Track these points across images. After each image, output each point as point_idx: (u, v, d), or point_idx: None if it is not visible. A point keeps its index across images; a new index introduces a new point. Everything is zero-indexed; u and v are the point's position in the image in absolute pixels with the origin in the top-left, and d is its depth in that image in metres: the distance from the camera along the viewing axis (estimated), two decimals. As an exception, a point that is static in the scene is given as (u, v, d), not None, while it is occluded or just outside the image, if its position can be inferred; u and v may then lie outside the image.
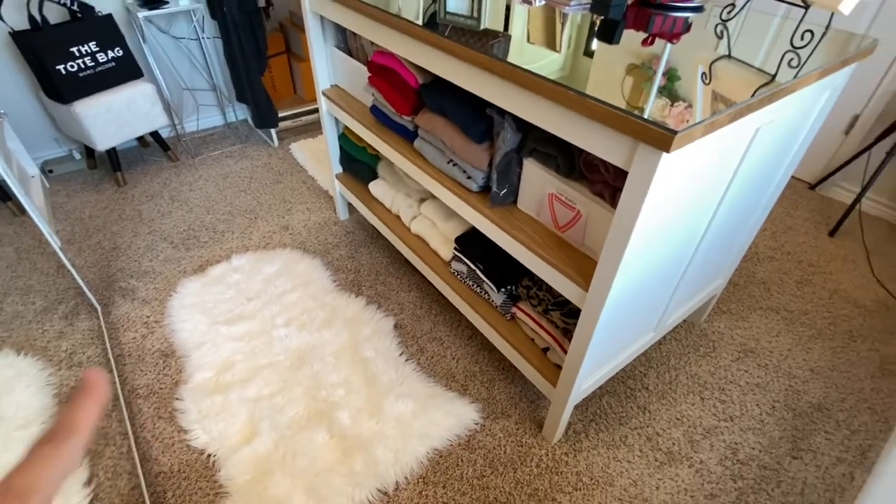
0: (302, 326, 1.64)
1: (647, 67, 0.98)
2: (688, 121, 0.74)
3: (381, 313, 1.71)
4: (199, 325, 1.64)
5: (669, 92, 0.86)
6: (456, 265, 1.51)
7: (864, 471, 1.30)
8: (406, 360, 1.55)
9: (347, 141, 1.88)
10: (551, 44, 1.05)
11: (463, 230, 1.52)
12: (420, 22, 1.14)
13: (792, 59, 1.03)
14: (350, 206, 2.19)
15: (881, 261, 1.99)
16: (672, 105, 0.83)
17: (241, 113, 2.99)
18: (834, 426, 1.40)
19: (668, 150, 0.72)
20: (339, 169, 2.04)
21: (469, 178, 1.26)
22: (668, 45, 1.07)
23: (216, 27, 2.60)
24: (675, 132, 0.70)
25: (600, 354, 1.19)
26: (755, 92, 0.85)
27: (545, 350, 1.31)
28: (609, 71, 0.92)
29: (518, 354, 1.34)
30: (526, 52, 0.99)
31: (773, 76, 0.95)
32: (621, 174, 0.95)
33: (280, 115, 2.74)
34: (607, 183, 0.98)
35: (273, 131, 2.68)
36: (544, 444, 1.34)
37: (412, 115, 1.39)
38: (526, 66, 0.91)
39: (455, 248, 1.49)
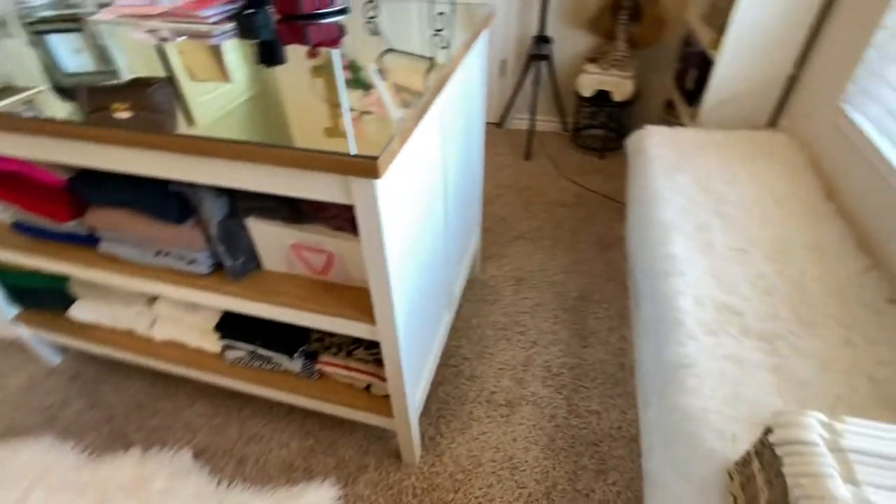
0: (62, 537, 1.18)
1: (327, 63, 0.95)
2: (384, 104, 0.73)
3: (170, 450, 1.36)
4: None
5: (359, 82, 0.85)
6: (231, 353, 1.28)
7: (627, 325, 1.67)
8: (228, 485, 1.28)
9: (5, 273, 1.37)
10: (218, 75, 0.91)
11: (219, 314, 1.29)
12: (50, 113, 0.84)
13: (440, 41, 1.12)
14: (61, 344, 1.65)
15: (565, 163, 2.52)
16: (368, 93, 0.81)
17: None
18: (596, 306, 1.75)
19: (378, 177, 0.69)
20: (15, 311, 1.49)
21: (192, 262, 1.04)
22: (335, 51, 1.04)
23: None
24: (375, 158, 0.67)
25: (416, 362, 1.18)
26: (426, 79, 0.89)
27: (367, 388, 1.24)
28: (295, 79, 0.85)
29: (344, 406, 1.23)
30: (197, 91, 0.83)
31: (432, 59, 1.02)
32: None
33: None
34: (342, 216, 0.93)
35: None
36: (410, 470, 1.30)
37: (75, 217, 1.06)
38: (201, 108, 0.76)
39: (220, 337, 1.26)
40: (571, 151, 2.64)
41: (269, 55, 1.04)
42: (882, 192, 1.22)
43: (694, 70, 2.08)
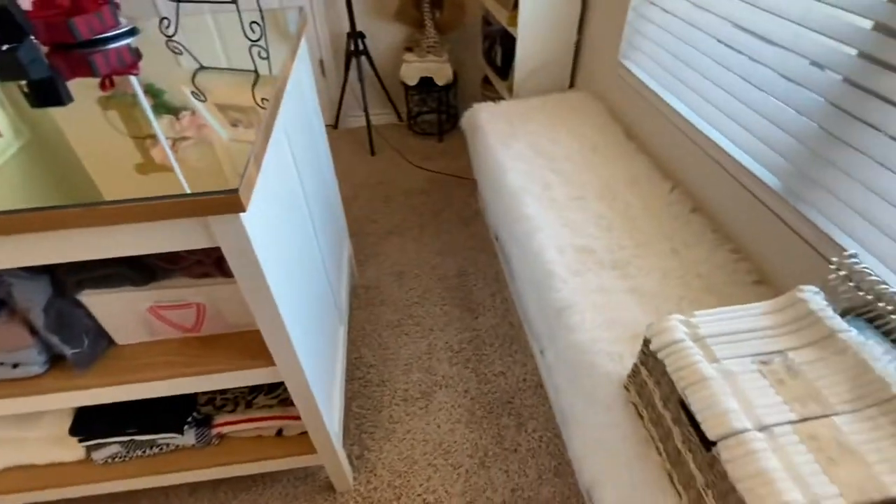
0: None
1: (122, 93, 0.83)
2: (202, 125, 0.67)
3: None
4: None
5: (164, 107, 0.76)
6: (101, 453, 1.07)
7: (505, 287, 1.81)
8: None
9: None
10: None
11: (73, 413, 1.06)
12: None
13: (259, 52, 1.05)
14: None
15: (409, 152, 2.59)
16: (178, 118, 0.74)
17: None
18: (474, 278, 1.86)
19: (243, 210, 0.63)
20: None
21: (17, 365, 0.84)
22: (134, 78, 0.91)
23: None
24: (235, 190, 0.62)
25: (326, 388, 1.13)
26: (254, 92, 0.83)
27: (279, 432, 1.15)
28: (83, 117, 0.72)
29: (258, 462, 1.13)
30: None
31: (256, 71, 0.95)
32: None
33: None
34: (204, 260, 0.83)
35: None
36: (347, 496, 1.26)
37: None
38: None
39: (80, 440, 1.04)
40: (412, 139, 2.71)
41: (47, 96, 0.86)
42: (664, 125, 1.51)
43: (498, 47, 2.28)
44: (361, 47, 2.43)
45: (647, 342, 0.83)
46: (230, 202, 0.62)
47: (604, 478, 0.90)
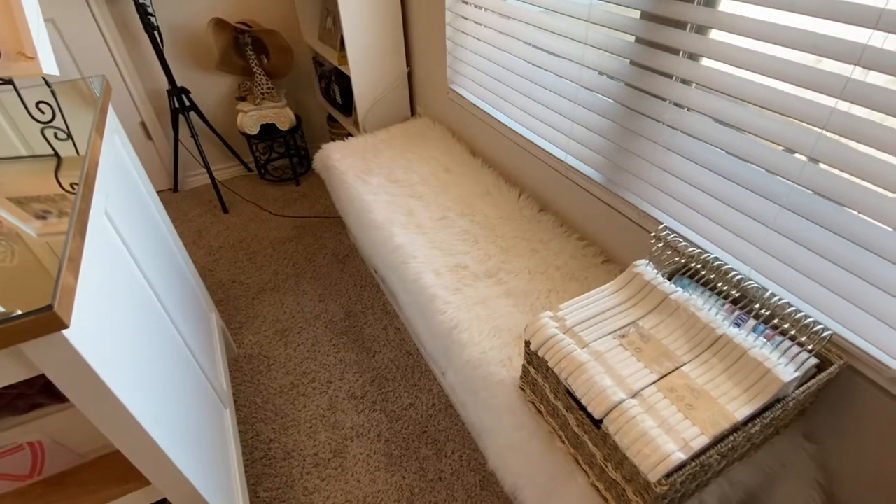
0: None
1: None
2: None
3: None
4: None
5: None
6: None
7: (394, 315, 1.81)
8: None
9: None
10: None
11: None
12: None
13: (56, 133, 0.92)
14: None
15: (268, 201, 2.46)
16: None
17: None
18: (363, 316, 1.82)
19: (66, 326, 0.54)
20: None
21: None
22: None
23: None
24: (50, 307, 0.53)
25: (219, 487, 1.01)
26: (59, 178, 0.73)
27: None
28: None
29: None
30: None
31: (56, 154, 0.84)
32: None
33: None
34: (28, 391, 0.69)
35: None
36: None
37: None
38: None
39: None
40: (267, 188, 2.59)
41: None
42: (498, 139, 1.65)
43: (335, 85, 2.30)
44: (188, 102, 2.26)
45: (527, 343, 0.89)
46: (46, 321, 0.53)
47: (522, 479, 0.95)
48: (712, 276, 0.90)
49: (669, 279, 0.95)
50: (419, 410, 1.50)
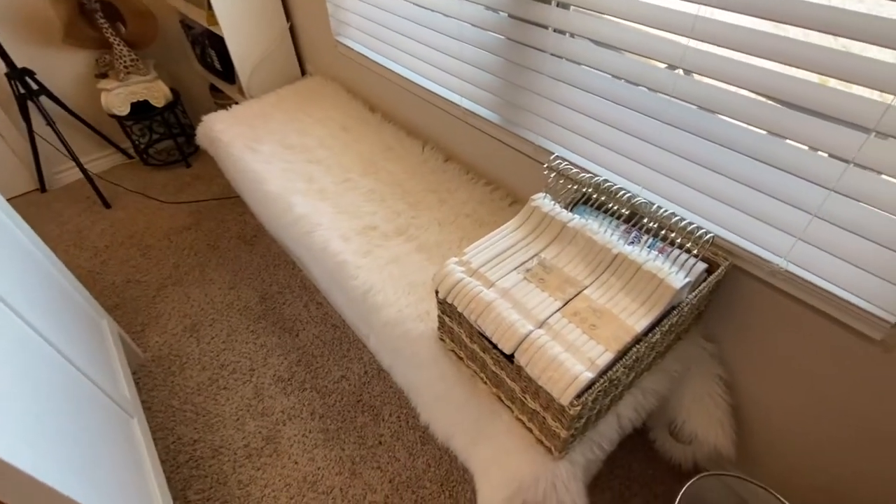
0: None
1: None
2: None
3: None
4: None
5: None
6: None
7: (314, 290, 1.73)
8: None
9: None
10: None
11: None
12: None
13: None
14: None
15: (156, 189, 2.22)
16: None
17: None
18: (281, 296, 1.72)
19: None
20: None
21: None
22: None
23: None
24: None
25: None
26: None
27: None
28: None
29: None
30: None
31: None
32: None
33: None
34: None
35: None
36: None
37: None
38: None
39: None
40: (153, 174, 2.33)
41: None
42: (394, 90, 1.57)
43: (211, 50, 2.07)
44: (35, 86, 1.94)
45: (437, 292, 0.87)
46: None
47: (451, 427, 0.94)
48: (604, 199, 0.91)
49: (572, 208, 0.96)
50: (351, 381, 1.46)
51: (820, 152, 0.73)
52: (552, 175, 0.92)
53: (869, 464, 0.86)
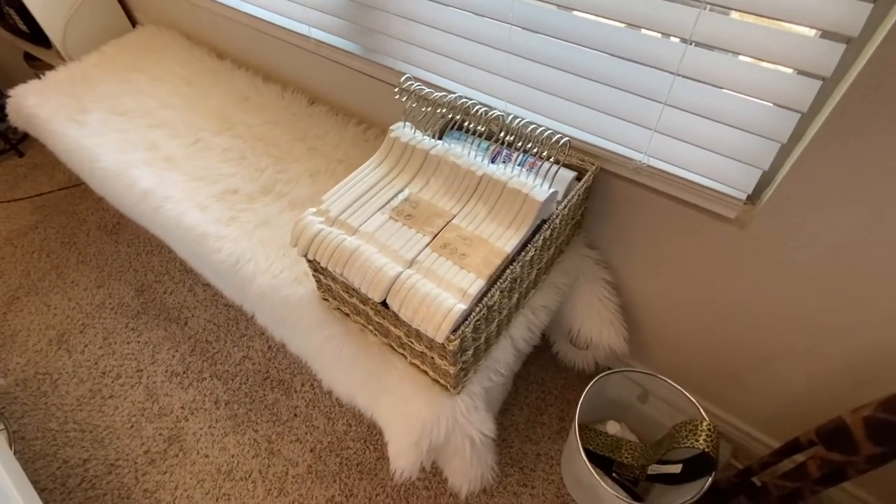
0: None
1: None
2: None
3: None
4: None
5: None
6: None
7: (198, 275, 1.56)
8: None
9: None
10: None
11: None
12: None
13: None
14: None
15: None
16: None
17: None
18: (160, 285, 1.54)
19: None
20: None
21: None
22: None
23: None
24: None
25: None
26: None
27: None
28: None
29: None
30: None
31: None
32: None
33: None
34: None
35: None
36: None
37: None
38: None
39: None
40: (-24, 173, 1.94)
41: None
42: (242, 31, 1.36)
43: (9, 8, 1.68)
44: None
45: (297, 250, 0.78)
46: None
47: (352, 387, 0.89)
48: (462, 118, 0.84)
49: (441, 136, 0.88)
50: (255, 360, 1.36)
51: (673, 38, 0.71)
52: (405, 98, 0.84)
53: (735, 334, 0.93)
